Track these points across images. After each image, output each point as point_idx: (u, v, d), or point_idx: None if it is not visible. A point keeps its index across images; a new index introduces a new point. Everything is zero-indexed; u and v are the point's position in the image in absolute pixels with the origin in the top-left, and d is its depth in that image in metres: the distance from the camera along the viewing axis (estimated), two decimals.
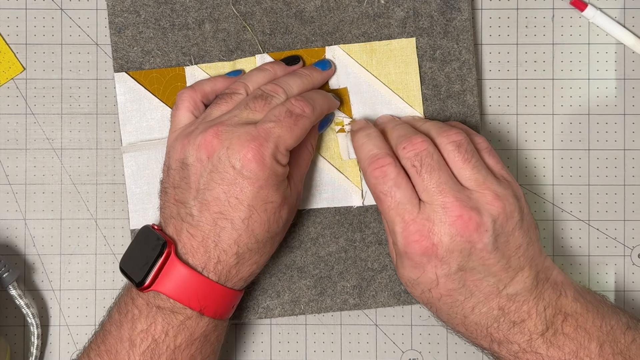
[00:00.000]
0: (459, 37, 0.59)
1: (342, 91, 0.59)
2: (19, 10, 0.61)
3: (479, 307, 0.52)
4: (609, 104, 0.61)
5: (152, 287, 0.51)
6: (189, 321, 0.52)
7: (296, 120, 0.52)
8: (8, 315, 0.61)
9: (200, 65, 0.59)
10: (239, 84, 0.56)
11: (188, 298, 0.51)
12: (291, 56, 0.58)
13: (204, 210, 0.51)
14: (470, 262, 0.51)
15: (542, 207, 0.61)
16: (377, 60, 0.59)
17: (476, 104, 0.60)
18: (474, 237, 0.50)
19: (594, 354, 0.51)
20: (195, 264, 0.52)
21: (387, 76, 0.59)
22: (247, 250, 0.52)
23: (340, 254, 0.60)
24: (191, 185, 0.52)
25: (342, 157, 0.59)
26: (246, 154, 0.51)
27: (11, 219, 0.61)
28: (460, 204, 0.50)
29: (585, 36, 0.61)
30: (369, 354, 0.61)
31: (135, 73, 0.59)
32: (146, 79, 0.59)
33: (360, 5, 0.59)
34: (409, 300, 0.59)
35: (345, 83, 0.59)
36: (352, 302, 0.60)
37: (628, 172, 0.61)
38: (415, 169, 0.52)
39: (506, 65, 0.61)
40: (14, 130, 0.61)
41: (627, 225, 0.61)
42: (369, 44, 0.59)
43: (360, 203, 0.59)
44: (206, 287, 0.51)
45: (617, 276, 0.61)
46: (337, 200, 0.59)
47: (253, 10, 0.59)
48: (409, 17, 0.59)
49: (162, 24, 0.59)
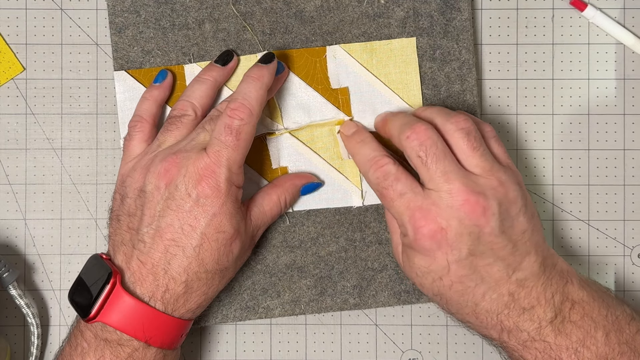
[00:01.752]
0: (459, 37, 0.59)
1: (342, 91, 0.59)
2: (19, 10, 0.61)
3: (489, 293, 0.52)
4: (609, 104, 0.61)
5: (98, 318, 0.51)
6: (136, 353, 0.51)
7: (238, 135, 0.52)
8: (8, 315, 0.61)
9: (199, 64, 0.59)
10: (185, 103, 0.56)
11: (134, 329, 0.51)
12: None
13: (157, 237, 0.52)
14: (479, 247, 0.51)
15: (542, 207, 0.61)
16: (378, 59, 0.59)
17: (476, 104, 0.60)
18: (481, 221, 0.50)
19: (600, 342, 0.51)
20: (142, 293, 0.52)
21: (387, 76, 0.59)
22: (196, 279, 0.52)
23: (341, 254, 0.60)
24: (145, 213, 0.52)
25: (342, 157, 0.59)
26: (201, 182, 0.51)
27: (11, 219, 0.61)
28: (466, 189, 0.51)
29: (585, 36, 0.61)
30: (369, 354, 0.61)
31: (135, 71, 0.59)
32: (145, 77, 0.59)
33: (360, 5, 0.59)
34: (409, 300, 0.59)
35: (346, 83, 0.59)
36: (352, 302, 0.60)
37: (628, 172, 0.61)
38: (421, 159, 0.52)
39: (506, 65, 0.61)
40: (14, 130, 0.61)
41: (627, 225, 0.61)
42: (370, 43, 0.59)
43: (360, 203, 0.59)
44: (152, 317, 0.51)
45: (617, 276, 0.61)
46: (337, 201, 0.59)
47: (253, 10, 0.59)
48: (409, 17, 0.59)
49: (162, 23, 0.59)
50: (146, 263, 0.52)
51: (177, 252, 0.51)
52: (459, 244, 0.51)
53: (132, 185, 0.54)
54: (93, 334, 0.52)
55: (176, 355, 0.55)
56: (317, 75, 0.59)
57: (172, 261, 0.52)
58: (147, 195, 0.52)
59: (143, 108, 0.57)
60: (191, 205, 0.51)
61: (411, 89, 0.59)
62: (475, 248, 0.51)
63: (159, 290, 0.52)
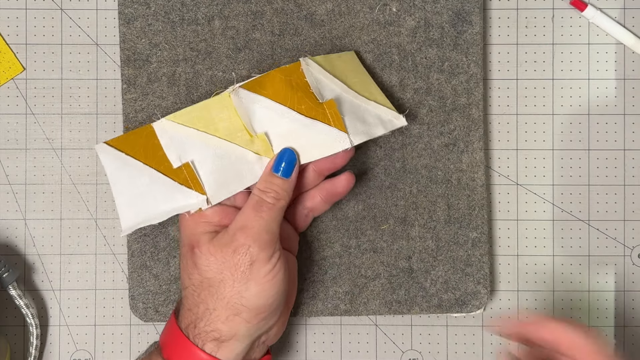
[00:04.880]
0: (469, 50, 0.59)
1: (329, 104, 0.54)
2: (19, 10, 0.61)
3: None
4: (609, 104, 0.61)
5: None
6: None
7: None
8: (8, 315, 0.61)
9: (168, 117, 0.54)
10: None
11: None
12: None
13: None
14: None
15: (542, 207, 0.61)
16: (339, 71, 0.56)
17: (481, 119, 0.59)
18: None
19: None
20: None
21: (352, 86, 0.56)
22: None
23: (335, 259, 0.59)
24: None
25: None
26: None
27: (11, 219, 0.61)
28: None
29: (585, 36, 0.61)
30: (369, 354, 0.61)
31: (113, 141, 0.55)
32: (125, 144, 0.54)
33: (372, 11, 0.59)
34: (400, 310, 0.59)
35: (329, 95, 0.55)
36: (343, 308, 0.59)
37: (628, 172, 0.61)
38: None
39: (506, 65, 0.61)
40: (14, 130, 0.61)
41: (627, 225, 0.61)
42: (326, 56, 0.56)
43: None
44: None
45: (617, 276, 0.61)
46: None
47: (264, 10, 0.59)
48: (420, 27, 0.59)
49: (171, 17, 0.59)
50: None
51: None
52: None
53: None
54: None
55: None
56: (296, 95, 0.54)
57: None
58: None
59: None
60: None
61: (377, 95, 0.57)
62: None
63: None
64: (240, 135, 0.54)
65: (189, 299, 0.53)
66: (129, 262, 0.59)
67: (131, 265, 0.59)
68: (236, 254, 0.51)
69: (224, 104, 0.54)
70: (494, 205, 0.61)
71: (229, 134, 0.54)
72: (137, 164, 0.54)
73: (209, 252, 0.52)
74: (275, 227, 0.53)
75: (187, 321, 0.53)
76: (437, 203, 0.59)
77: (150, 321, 0.60)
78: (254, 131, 0.54)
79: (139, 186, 0.54)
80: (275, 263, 0.52)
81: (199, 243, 0.53)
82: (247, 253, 0.51)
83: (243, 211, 0.53)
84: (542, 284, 0.61)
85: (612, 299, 0.61)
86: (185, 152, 0.54)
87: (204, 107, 0.55)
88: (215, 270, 0.52)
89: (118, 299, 0.61)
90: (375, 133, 0.55)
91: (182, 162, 0.54)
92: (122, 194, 0.54)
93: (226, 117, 0.54)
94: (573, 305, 0.61)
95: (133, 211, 0.54)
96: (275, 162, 0.54)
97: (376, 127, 0.55)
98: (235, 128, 0.54)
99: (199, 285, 0.52)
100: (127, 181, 0.54)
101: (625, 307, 0.61)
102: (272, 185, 0.53)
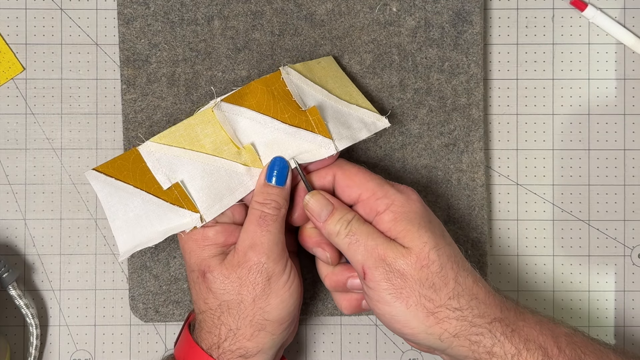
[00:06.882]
0: (469, 50, 0.59)
1: (312, 111, 0.54)
2: (19, 10, 0.61)
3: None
4: (609, 104, 0.61)
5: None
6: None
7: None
8: (8, 315, 0.61)
9: (153, 139, 0.54)
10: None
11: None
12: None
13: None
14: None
15: (542, 207, 0.61)
16: (319, 77, 0.56)
17: (481, 119, 0.59)
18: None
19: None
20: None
21: (333, 90, 0.56)
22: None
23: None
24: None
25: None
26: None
27: (11, 219, 0.61)
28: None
29: (585, 36, 0.61)
30: (369, 354, 0.61)
31: (102, 167, 0.54)
32: (113, 169, 0.54)
33: (372, 11, 0.59)
34: None
35: (311, 103, 0.55)
36: None
37: (628, 172, 0.61)
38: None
39: (506, 65, 0.61)
40: (14, 130, 0.61)
41: (627, 225, 0.61)
42: (306, 63, 0.56)
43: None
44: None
45: (617, 276, 0.61)
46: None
47: (263, 10, 0.59)
48: (420, 27, 0.59)
49: (171, 17, 0.59)
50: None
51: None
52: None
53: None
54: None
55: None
56: (279, 105, 0.54)
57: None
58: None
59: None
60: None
61: (358, 97, 0.57)
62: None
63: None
64: (226, 148, 0.54)
65: (207, 322, 0.53)
66: (129, 263, 0.59)
67: (131, 265, 0.59)
68: (251, 272, 0.52)
69: (207, 119, 0.54)
70: (494, 205, 0.61)
71: (216, 149, 0.54)
72: (128, 187, 0.54)
73: (223, 276, 0.52)
74: (282, 237, 0.53)
75: (208, 343, 0.53)
76: (437, 203, 0.59)
77: (151, 321, 0.60)
78: (240, 143, 0.54)
79: (132, 209, 0.54)
80: (290, 272, 0.53)
81: (210, 268, 0.52)
82: (262, 270, 0.52)
83: (247, 228, 0.53)
84: (542, 284, 0.61)
85: (612, 299, 0.61)
86: (174, 172, 0.54)
87: (187, 125, 0.54)
88: (232, 292, 0.52)
89: (118, 299, 0.61)
90: (359, 137, 0.55)
91: (171, 182, 0.53)
92: (117, 219, 0.54)
93: (211, 132, 0.54)
94: (573, 305, 0.61)
95: (129, 235, 0.54)
96: (267, 172, 0.53)
97: (360, 131, 0.55)
98: (221, 142, 0.54)
99: (217, 309, 0.52)
100: (120, 206, 0.54)
101: (625, 307, 0.61)
102: (270, 196, 0.53)
